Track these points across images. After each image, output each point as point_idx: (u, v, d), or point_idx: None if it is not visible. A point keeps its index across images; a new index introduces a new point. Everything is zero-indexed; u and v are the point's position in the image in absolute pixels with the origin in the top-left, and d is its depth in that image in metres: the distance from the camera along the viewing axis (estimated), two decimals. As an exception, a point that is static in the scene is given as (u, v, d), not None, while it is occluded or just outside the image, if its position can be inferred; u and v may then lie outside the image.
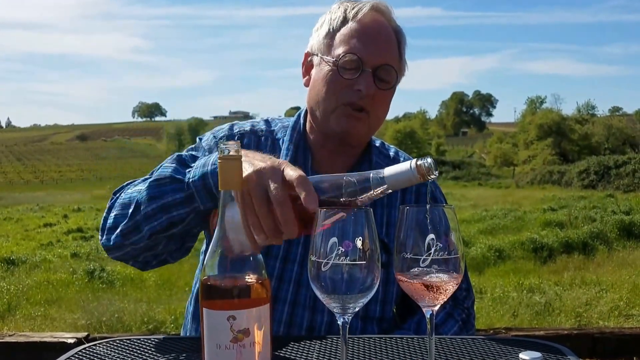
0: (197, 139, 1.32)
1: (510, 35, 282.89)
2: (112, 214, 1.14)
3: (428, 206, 0.78)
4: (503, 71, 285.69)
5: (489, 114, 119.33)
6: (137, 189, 1.11)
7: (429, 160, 0.81)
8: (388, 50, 1.23)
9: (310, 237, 1.20)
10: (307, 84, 1.29)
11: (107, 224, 1.14)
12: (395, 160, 1.37)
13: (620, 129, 44.55)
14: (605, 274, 6.56)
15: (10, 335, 2.51)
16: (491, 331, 2.39)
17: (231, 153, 0.75)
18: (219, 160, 0.76)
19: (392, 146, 1.43)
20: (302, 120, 1.32)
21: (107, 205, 1.17)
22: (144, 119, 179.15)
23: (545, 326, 4.58)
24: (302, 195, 0.82)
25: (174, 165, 1.09)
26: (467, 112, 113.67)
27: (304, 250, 1.23)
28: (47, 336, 2.52)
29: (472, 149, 73.85)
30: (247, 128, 1.32)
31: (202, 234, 1.24)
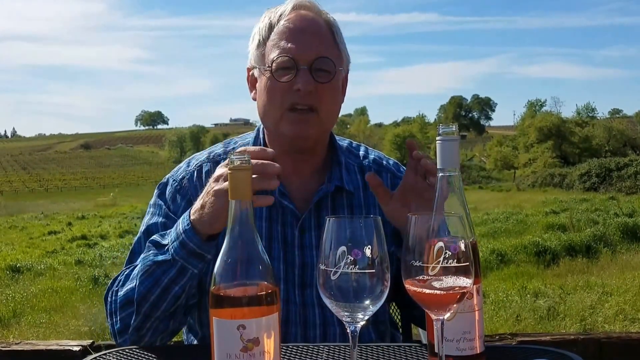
0: (156, 189, 1.32)
1: (508, 40, 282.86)
2: (118, 318, 1.17)
3: (436, 214, 0.78)
4: (501, 75, 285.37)
5: (488, 118, 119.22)
6: (130, 287, 1.15)
7: None
8: (319, 42, 1.21)
9: (303, 241, 1.22)
10: (254, 98, 1.29)
11: (117, 328, 1.18)
12: (366, 159, 1.36)
13: (621, 131, 44.53)
14: (610, 277, 6.52)
15: (16, 344, 2.51)
16: (497, 337, 2.38)
17: (240, 164, 0.76)
18: (229, 172, 0.77)
19: (361, 144, 1.43)
20: (261, 135, 1.32)
21: (107, 311, 1.20)
22: (147, 127, 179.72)
23: (550, 331, 4.56)
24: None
25: (152, 250, 1.14)
26: (466, 116, 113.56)
27: (301, 252, 1.25)
28: (53, 344, 2.53)
29: (472, 153, 73.78)
30: (204, 157, 1.33)
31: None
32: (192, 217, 1.09)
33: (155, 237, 1.16)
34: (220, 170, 1.08)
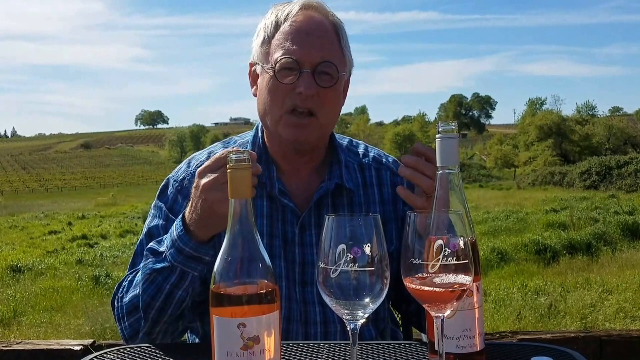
0: (158, 191, 1.32)
1: (508, 38, 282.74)
2: (126, 324, 1.20)
3: (434, 212, 0.78)
4: (502, 73, 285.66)
5: (489, 116, 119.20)
6: (134, 294, 1.18)
7: None
8: (324, 46, 1.19)
9: (304, 239, 1.23)
10: (255, 94, 1.28)
11: (127, 333, 1.22)
12: (366, 157, 1.36)
13: (621, 129, 44.59)
14: (610, 275, 6.53)
15: (17, 343, 2.51)
16: (497, 335, 2.38)
17: (239, 162, 0.76)
18: (228, 170, 0.77)
19: (360, 142, 1.42)
20: (260, 133, 1.32)
21: (115, 316, 1.24)
22: (147, 127, 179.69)
23: (551, 329, 4.56)
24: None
25: (150, 258, 1.15)
26: (466, 115, 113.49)
27: (301, 250, 1.25)
28: (54, 343, 2.53)
29: (472, 151, 73.81)
30: (204, 157, 1.31)
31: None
32: (187, 221, 1.09)
33: (152, 244, 1.17)
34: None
